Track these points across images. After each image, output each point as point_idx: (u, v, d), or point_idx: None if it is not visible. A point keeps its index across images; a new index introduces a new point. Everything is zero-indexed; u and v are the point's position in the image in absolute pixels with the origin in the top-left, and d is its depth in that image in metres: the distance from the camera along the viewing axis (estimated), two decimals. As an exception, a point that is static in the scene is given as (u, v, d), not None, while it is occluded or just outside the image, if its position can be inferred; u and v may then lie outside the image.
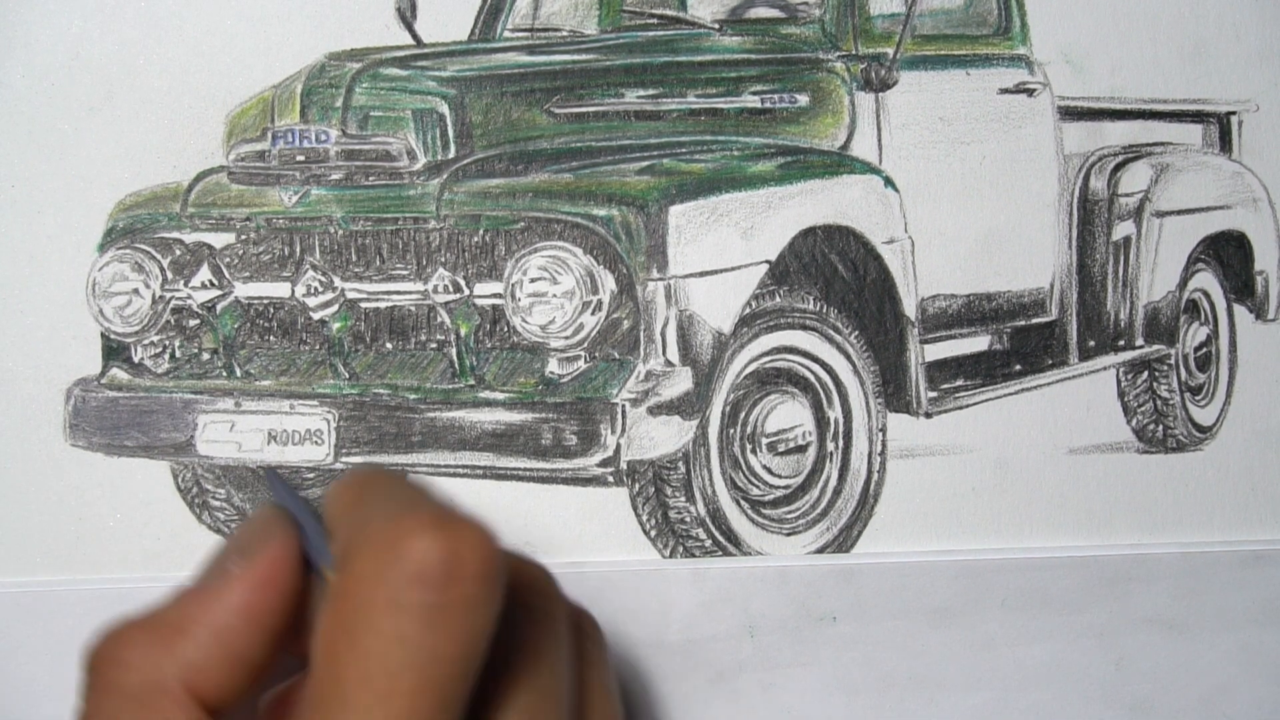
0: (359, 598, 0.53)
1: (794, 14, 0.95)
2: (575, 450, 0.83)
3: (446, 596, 0.52)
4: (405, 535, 0.53)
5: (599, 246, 0.84)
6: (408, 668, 0.52)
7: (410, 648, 0.52)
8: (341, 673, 0.53)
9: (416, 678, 0.52)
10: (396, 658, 0.52)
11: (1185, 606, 0.85)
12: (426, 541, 0.53)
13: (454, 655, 0.53)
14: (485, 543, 0.54)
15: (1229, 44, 0.88)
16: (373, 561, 0.53)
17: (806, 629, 0.83)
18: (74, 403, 0.85)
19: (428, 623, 0.52)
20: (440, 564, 0.53)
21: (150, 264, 0.87)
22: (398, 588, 0.52)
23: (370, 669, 0.52)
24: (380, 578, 0.53)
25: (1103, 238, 0.97)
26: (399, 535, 0.53)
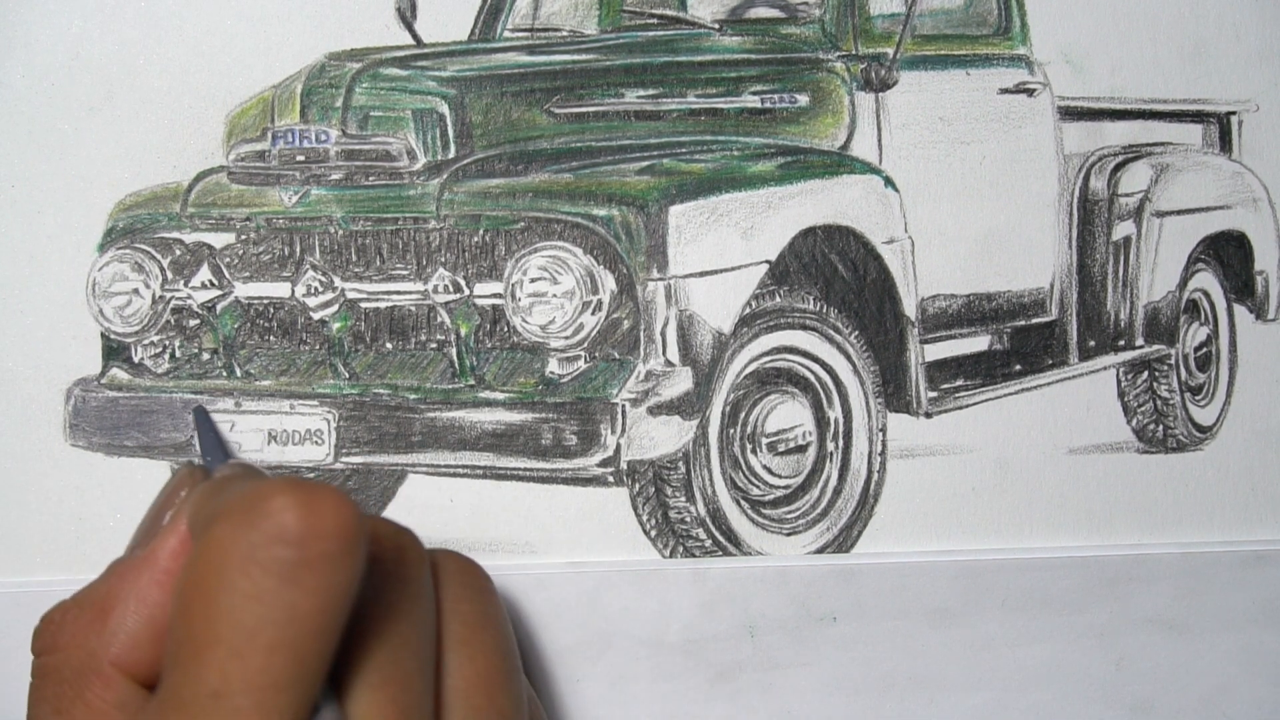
0: (216, 557, 0.53)
1: (794, 14, 0.95)
2: (575, 450, 0.83)
3: (304, 552, 0.52)
4: (264, 498, 0.53)
5: (599, 246, 0.84)
6: (265, 624, 0.52)
7: (267, 604, 0.52)
8: (196, 631, 0.53)
9: (273, 634, 0.52)
10: (253, 614, 0.52)
11: (1185, 606, 0.85)
12: (284, 500, 0.53)
13: (312, 611, 0.52)
14: (343, 503, 0.53)
15: (1229, 44, 0.88)
16: (231, 524, 0.53)
17: (806, 629, 0.83)
18: (74, 403, 0.85)
19: (285, 578, 0.52)
20: (298, 521, 0.52)
21: (150, 264, 0.87)
22: (255, 545, 0.52)
23: (226, 626, 0.52)
24: (238, 537, 0.52)
25: (1103, 238, 0.97)
26: (258, 498, 0.53)
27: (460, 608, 0.64)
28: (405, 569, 0.60)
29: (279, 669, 0.52)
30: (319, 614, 0.53)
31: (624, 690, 0.83)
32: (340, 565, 0.53)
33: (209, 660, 0.52)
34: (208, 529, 0.54)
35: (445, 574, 0.65)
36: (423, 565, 0.62)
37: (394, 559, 0.60)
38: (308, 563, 0.52)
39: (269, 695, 0.52)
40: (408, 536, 0.62)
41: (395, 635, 0.58)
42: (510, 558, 0.83)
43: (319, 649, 0.53)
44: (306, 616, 0.52)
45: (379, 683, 0.57)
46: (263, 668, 0.52)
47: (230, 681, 0.52)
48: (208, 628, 0.52)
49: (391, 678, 0.57)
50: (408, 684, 0.58)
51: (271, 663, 0.52)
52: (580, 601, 0.82)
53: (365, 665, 0.57)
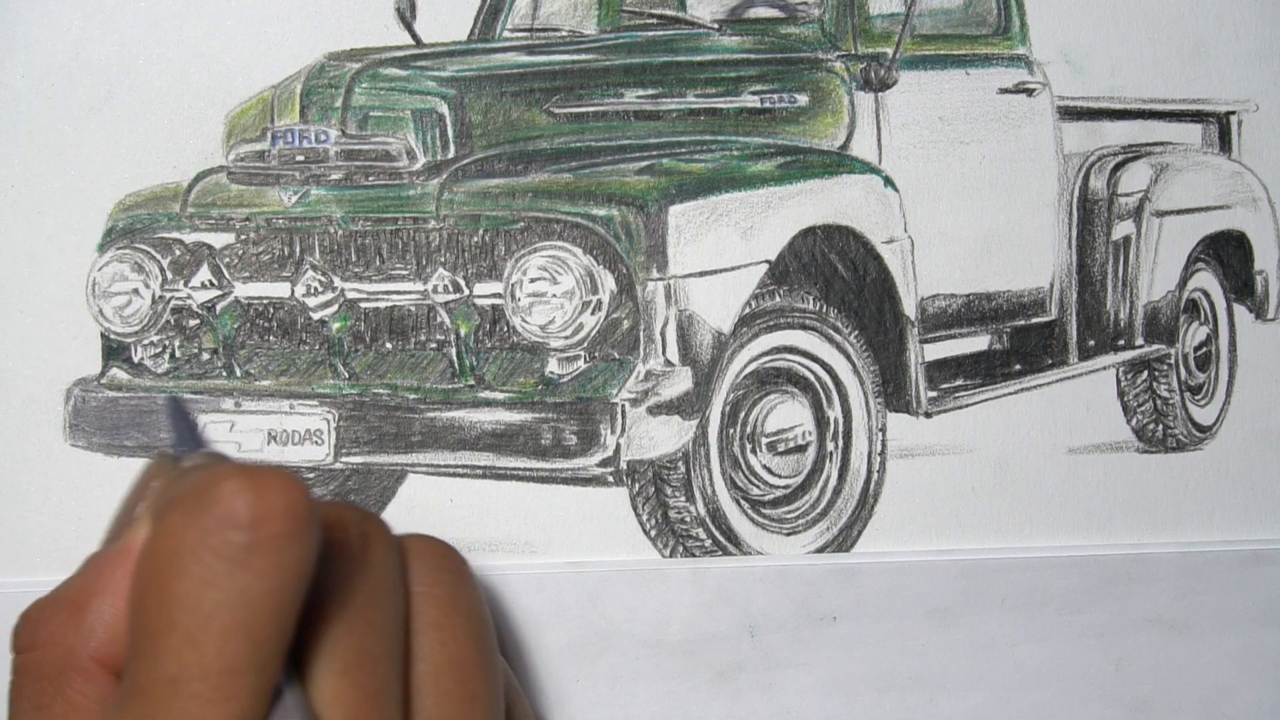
0: (168, 545, 0.53)
1: (793, 14, 0.95)
2: (575, 450, 0.83)
3: (255, 535, 0.52)
4: (213, 484, 0.53)
5: (599, 246, 0.84)
6: (218, 608, 0.52)
7: (219, 588, 0.52)
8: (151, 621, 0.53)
9: (228, 618, 0.52)
10: (207, 599, 0.52)
11: (1185, 606, 0.85)
12: (233, 485, 0.52)
13: (265, 593, 0.52)
14: (292, 485, 0.53)
15: (1228, 44, 0.88)
16: (183, 511, 0.53)
17: (806, 629, 0.83)
18: (74, 403, 0.85)
19: (237, 562, 0.52)
20: (248, 505, 0.52)
21: (150, 264, 0.87)
22: (206, 530, 0.52)
23: (180, 612, 0.52)
24: (189, 524, 0.52)
25: (1102, 237, 0.97)
26: (208, 484, 0.53)
27: (432, 591, 0.64)
28: (370, 553, 0.60)
29: (235, 653, 0.52)
30: (272, 596, 0.53)
31: (624, 690, 0.83)
32: (291, 546, 0.53)
33: (165, 647, 0.52)
34: (162, 517, 0.54)
35: (415, 557, 0.65)
36: (389, 549, 0.61)
37: (359, 544, 0.60)
38: (258, 545, 0.52)
39: (226, 680, 0.52)
40: (373, 522, 0.62)
41: (360, 619, 0.58)
42: (510, 558, 0.83)
43: (275, 632, 0.53)
44: (260, 599, 0.52)
45: (342, 668, 0.57)
46: (219, 652, 0.52)
47: (187, 667, 0.52)
48: (163, 615, 0.52)
49: (356, 662, 0.57)
50: (373, 668, 0.58)
51: (227, 647, 0.52)
52: (580, 601, 0.82)
53: (329, 650, 0.57)
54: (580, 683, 0.83)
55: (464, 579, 0.66)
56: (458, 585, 0.65)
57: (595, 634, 0.82)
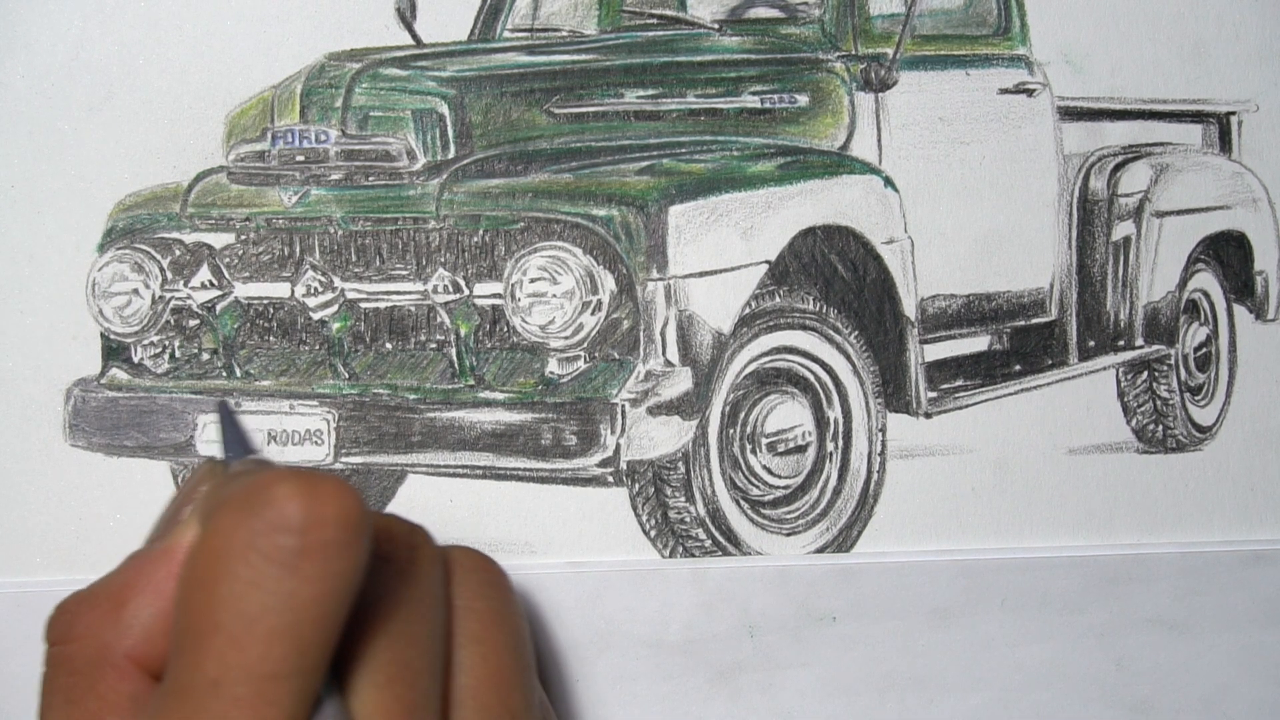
0: (217, 545, 0.52)
1: (794, 14, 0.95)
2: (575, 450, 0.83)
3: (306, 540, 0.52)
4: (266, 486, 0.53)
5: (599, 246, 0.84)
6: (265, 611, 0.52)
7: (267, 592, 0.52)
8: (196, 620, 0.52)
9: (273, 622, 0.52)
10: (253, 602, 0.51)
11: (1185, 606, 0.85)
12: (287, 488, 0.52)
13: (313, 600, 0.52)
14: (347, 492, 0.53)
15: (1229, 44, 0.88)
16: (233, 512, 0.53)
17: (806, 629, 0.83)
18: (74, 403, 0.85)
19: (286, 567, 0.52)
20: (300, 509, 0.52)
21: (150, 264, 0.87)
22: (256, 532, 0.52)
23: (226, 613, 0.52)
24: (239, 525, 0.52)
25: (1102, 238, 0.97)
26: (260, 487, 0.53)
27: (474, 605, 0.64)
28: (416, 566, 0.60)
29: (279, 658, 0.52)
30: (319, 602, 0.52)
31: (624, 690, 0.83)
32: (342, 554, 0.53)
33: (209, 648, 0.52)
34: (211, 518, 0.53)
35: (459, 570, 0.65)
36: (435, 562, 0.61)
37: (406, 557, 0.60)
38: (308, 550, 0.52)
39: (268, 684, 0.52)
40: (420, 534, 0.62)
41: (404, 632, 0.58)
42: (510, 558, 0.83)
43: (320, 638, 0.53)
44: (307, 605, 0.52)
45: (384, 680, 0.57)
46: (262, 656, 0.52)
47: (230, 669, 0.51)
48: (208, 615, 0.52)
49: (398, 675, 0.57)
50: (414, 681, 0.58)
51: (271, 651, 0.52)
52: (580, 601, 0.82)
53: (371, 662, 0.56)
54: (580, 683, 0.83)
55: (506, 594, 0.66)
56: (501, 600, 0.65)
57: (595, 634, 0.82)
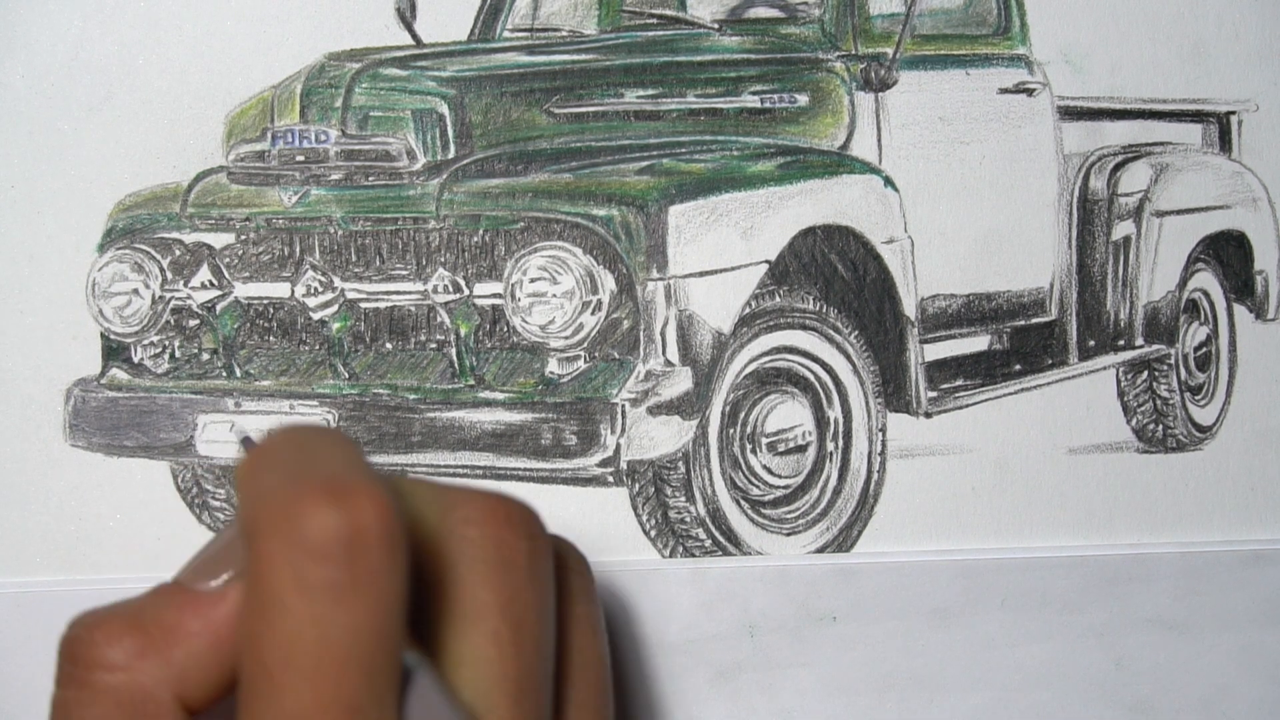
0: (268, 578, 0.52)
1: (794, 14, 0.95)
2: (575, 450, 0.83)
3: (353, 572, 0.51)
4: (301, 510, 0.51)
5: (599, 246, 0.84)
6: (327, 645, 0.51)
7: (325, 625, 0.51)
8: (264, 656, 0.52)
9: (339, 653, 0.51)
10: (313, 636, 0.51)
11: (1185, 606, 0.85)
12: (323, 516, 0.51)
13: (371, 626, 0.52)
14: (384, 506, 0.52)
15: (1228, 44, 0.88)
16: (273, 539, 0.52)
17: (806, 629, 0.83)
18: (74, 403, 0.85)
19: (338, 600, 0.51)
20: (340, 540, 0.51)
21: (150, 264, 0.87)
22: (302, 567, 0.51)
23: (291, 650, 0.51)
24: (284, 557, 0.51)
25: (1102, 237, 0.97)
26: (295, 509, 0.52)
27: (576, 610, 0.63)
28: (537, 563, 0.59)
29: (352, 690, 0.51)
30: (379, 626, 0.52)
31: (624, 690, 0.83)
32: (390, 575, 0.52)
33: (284, 685, 0.51)
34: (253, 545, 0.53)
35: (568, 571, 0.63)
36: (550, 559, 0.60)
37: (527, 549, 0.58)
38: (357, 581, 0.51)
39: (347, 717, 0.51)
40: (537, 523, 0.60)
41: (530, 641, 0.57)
42: (510, 558, 0.83)
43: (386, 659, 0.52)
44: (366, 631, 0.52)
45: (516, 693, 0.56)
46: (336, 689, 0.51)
47: (305, 705, 0.51)
48: (275, 653, 0.52)
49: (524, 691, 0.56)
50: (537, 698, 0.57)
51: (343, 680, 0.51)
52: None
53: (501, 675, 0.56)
54: (580, 683, 0.83)
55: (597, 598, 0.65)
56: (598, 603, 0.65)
57: (595, 634, 0.82)
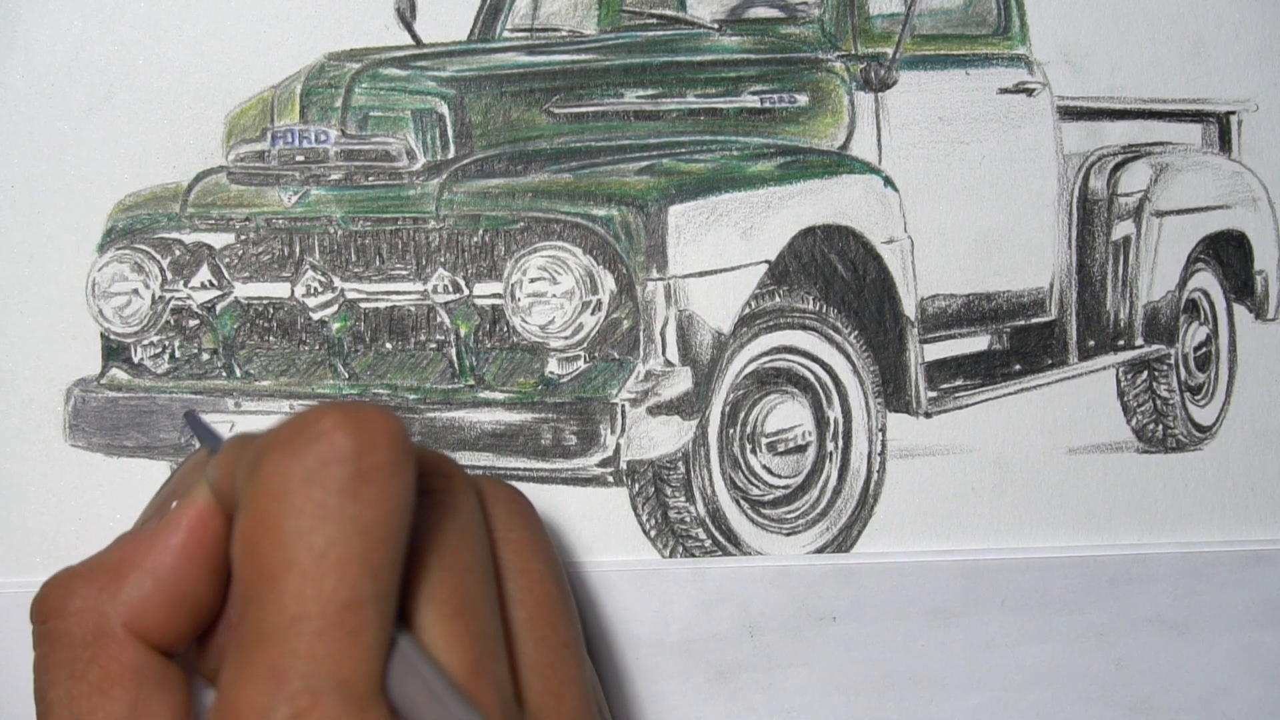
0: (275, 486, 0.53)
1: (793, 14, 0.95)
2: (575, 450, 0.83)
3: (361, 464, 0.53)
4: (311, 422, 0.53)
5: (598, 246, 0.84)
6: (333, 542, 0.52)
7: (333, 521, 0.52)
8: (266, 563, 0.52)
9: (344, 550, 0.52)
10: (320, 533, 0.52)
11: (1185, 606, 0.85)
12: (332, 420, 0.53)
13: (377, 522, 0.53)
14: (388, 415, 0.54)
15: (1228, 43, 0.88)
16: (284, 452, 0.53)
17: (806, 629, 0.83)
18: (74, 403, 0.85)
19: (346, 494, 0.52)
20: (350, 437, 0.53)
21: (150, 264, 0.87)
22: (312, 467, 0.52)
23: (295, 550, 0.52)
24: (294, 463, 0.53)
25: (1102, 237, 0.97)
26: (305, 424, 0.53)
27: (510, 535, 0.64)
28: (455, 497, 0.60)
29: (354, 584, 0.52)
30: (384, 523, 0.53)
31: (624, 690, 0.83)
32: (397, 473, 0.53)
33: (284, 587, 0.52)
34: (258, 466, 0.54)
35: (493, 502, 0.65)
36: (471, 491, 0.62)
37: (443, 488, 0.60)
38: (365, 475, 0.53)
39: (349, 613, 0.52)
40: (450, 463, 0.62)
41: (457, 564, 0.58)
42: (510, 558, 0.83)
43: (391, 561, 0.53)
44: (373, 528, 0.53)
45: (451, 612, 0.57)
46: (337, 585, 0.52)
47: (308, 603, 0.52)
48: (278, 554, 0.52)
49: (463, 606, 0.57)
50: (478, 611, 0.58)
51: (346, 579, 0.52)
52: (580, 601, 0.82)
53: (433, 595, 0.57)
54: (580, 683, 0.83)
55: (538, 523, 0.66)
56: (534, 530, 0.66)
57: (595, 634, 0.82)
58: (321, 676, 0.51)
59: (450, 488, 0.60)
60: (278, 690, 0.51)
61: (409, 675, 0.54)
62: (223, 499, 0.59)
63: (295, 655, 0.51)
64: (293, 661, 0.51)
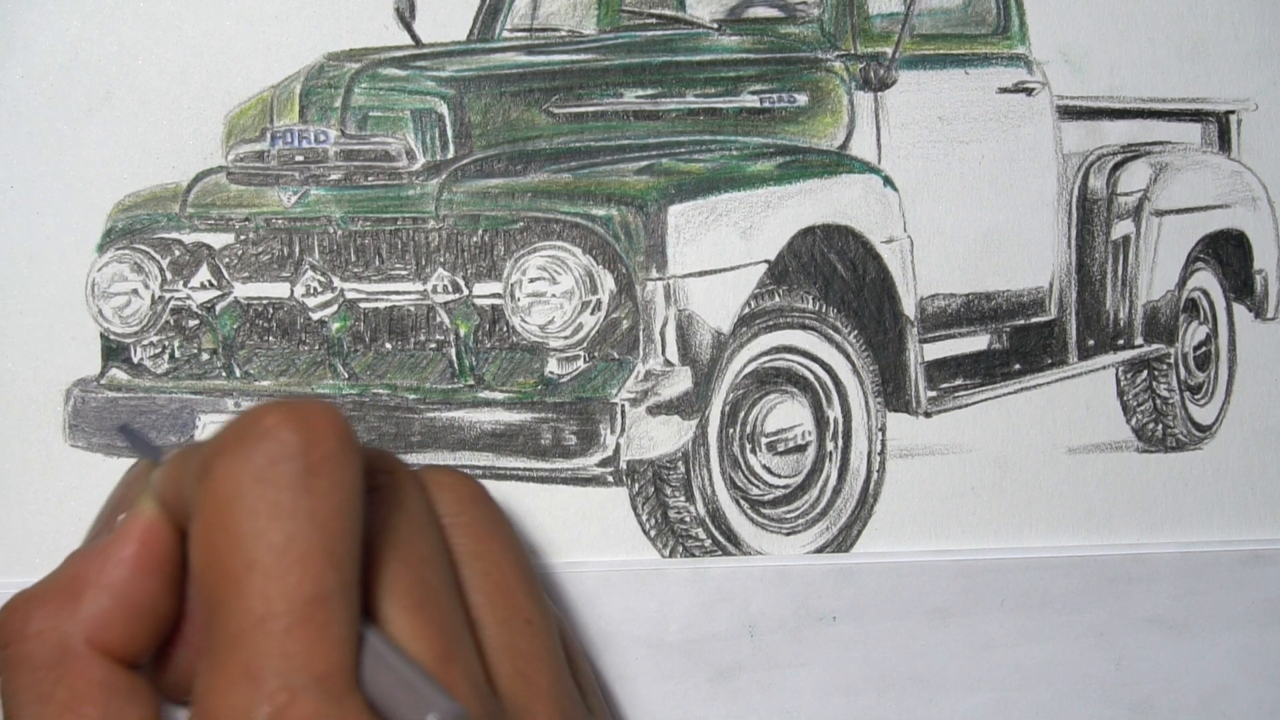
0: (227, 489, 0.53)
1: (793, 13, 0.95)
2: (575, 450, 0.83)
3: (310, 458, 0.53)
4: (255, 422, 0.53)
5: (598, 246, 0.84)
6: (292, 538, 0.52)
7: (288, 517, 0.52)
8: (227, 567, 0.53)
9: (303, 545, 0.52)
10: (278, 531, 0.52)
11: (1185, 606, 0.85)
12: (277, 416, 0.53)
13: (333, 514, 0.53)
14: (330, 409, 0.54)
15: (1228, 43, 0.88)
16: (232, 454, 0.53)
17: (806, 629, 0.83)
18: (74, 403, 0.85)
19: (300, 488, 0.53)
20: (296, 431, 0.53)
21: (149, 264, 0.87)
22: (261, 466, 0.53)
23: (254, 551, 0.52)
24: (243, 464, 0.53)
25: (1102, 237, 0.97)
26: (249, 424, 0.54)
27: (461, 520, 0.64)
28: (400, 490, 0.60)
29: (318, 578, 0.52)
30: (339, 516, 0.53)
31: (624, 690, 0.83)
32: (345, 464, 0.54)
33: (249, 588, 0.52)
34: (208, 471, 0.54)
35: (439, 490, 0.65)
36: (415, 483, 0.62)
37: (387, 483, 0.60)
38: (314, 469, 0.53)
39: (315, 608, 0.52)
40: (392, 458, 0.62)
41: (411, 554, 0.58)
42: (510, 558, 0.83)
43: (350, 552, 0.54)
44: (328, 520, 0.53)
45: (412, 604, 0.57)
46: (301, 581, 0.52)
47: (274, 602, 0.52)
48: (238, 557, 0.52)
49: (423, 596, 0.57)
50: (438, 600, 0.58)
51: (309, 574, 0.52)
52: (580, 601, 0.82)
53: (392, 587, 0.57)
54: (580, 683, 0.83)
55: (489, 504, 0.66)
56: (485, 511, 0.65)
57: (595, 634, 0.82)
58: (297, 672, 0.51)
59: (394, 482, 0.60)
60: (255, 690, 0.51)
61: (380, 668, 0.54)
62: (170, 510, 0.59)
63: (268, 654, 0.52)
64: (266, 661, 0.51)
